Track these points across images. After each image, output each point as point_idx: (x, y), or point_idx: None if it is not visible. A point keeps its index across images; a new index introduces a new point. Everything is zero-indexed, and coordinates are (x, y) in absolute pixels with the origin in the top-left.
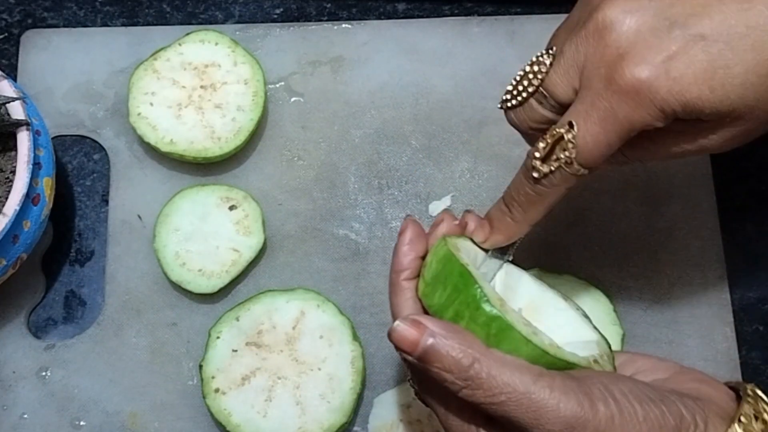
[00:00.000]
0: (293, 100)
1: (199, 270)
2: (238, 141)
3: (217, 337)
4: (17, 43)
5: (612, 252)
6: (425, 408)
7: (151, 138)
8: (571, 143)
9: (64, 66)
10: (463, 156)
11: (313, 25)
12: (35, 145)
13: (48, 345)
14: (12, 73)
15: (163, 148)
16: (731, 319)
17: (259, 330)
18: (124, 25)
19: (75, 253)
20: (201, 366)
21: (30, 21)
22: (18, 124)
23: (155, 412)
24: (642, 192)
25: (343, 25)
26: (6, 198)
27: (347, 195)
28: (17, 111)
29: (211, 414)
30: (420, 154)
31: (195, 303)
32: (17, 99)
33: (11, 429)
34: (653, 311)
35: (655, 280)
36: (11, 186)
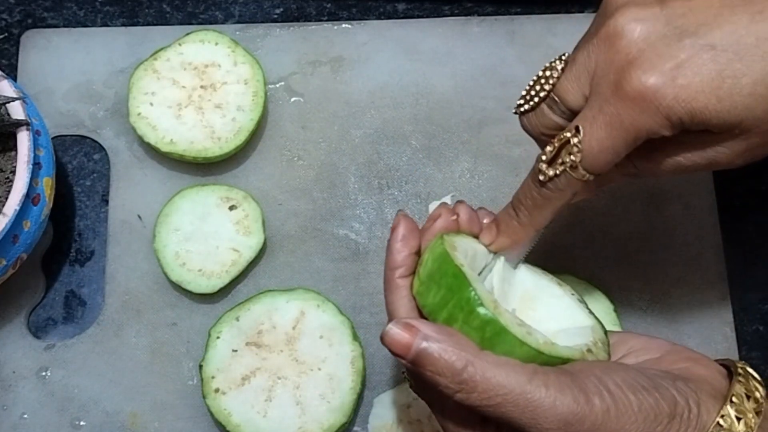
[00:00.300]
0: (293, 100)
1: (199, 270)
2: (238, 141)
3: (217, 337)
4: (17, 43)
5: (612, 252)
6: (425, 408)
7: (151, 138)
8: (577, 147)
9: (64, 66)
10: (463, 156)
11: (313, 25)
12: (35, 145)
13: (48, 345)
14: (12, 73)
15: (163, 148)
16: (731, 319)
17: (259, 330)
18: (124, 25)
19: (75, 253)
20: (201, 366)
21: (30, 21)
22: (18, 124)
23: (155, 412)
24: (642, 192)
25: (343, 25)
26: (6, 198)
27: (347, 195)
28: (17, 111)
29: (211, 414)
30: (420, 154)
31: (195, 303)
32: (17, 99)
33: (11, 429)
34: (653, 311)
35: (655, 280)
36: (11, 186)
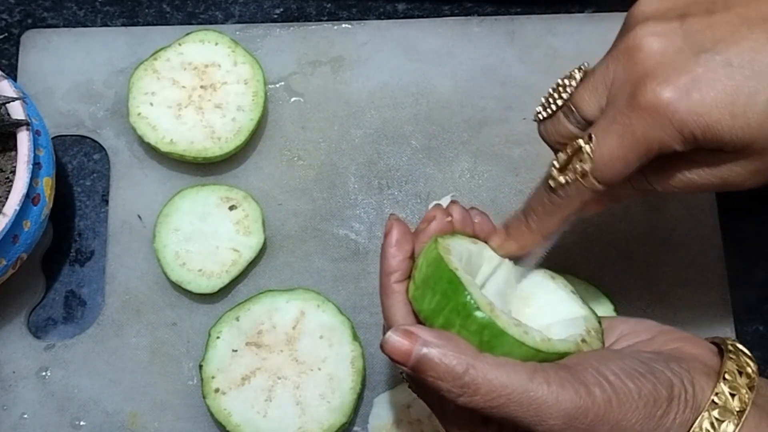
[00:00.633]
0: (293, 100)
1: (199, 270)
2: (238, 141)
3: (217, 337)
4: (17, 43)
5: (612, 252)
6: (425, 408)
7: (151, 138)
8: (588, 156)
9: (64, 66)
10: (463, 156)
11: (313, 25)
12: (35, 145)
13: (48, 345)
14: (12, 73)
15: (163, 148)
16: (731, 319)
17: (259, 330)
18: (124, 25)
19: (75, 253)
20: (201, 366)
21: (30, 21)
22: (18, 124)
23: (155, 412)
24: None
25: (343, 25)
26: (6, 198)
27: (347, 195)
28: (17, 111)
29: (211, 414)
30: (420, 154)
31: (195, 303)
32: (17, 99)
33: (11, 429)
34: (653, 311)
35: (655, 280)
36: (11, 186)
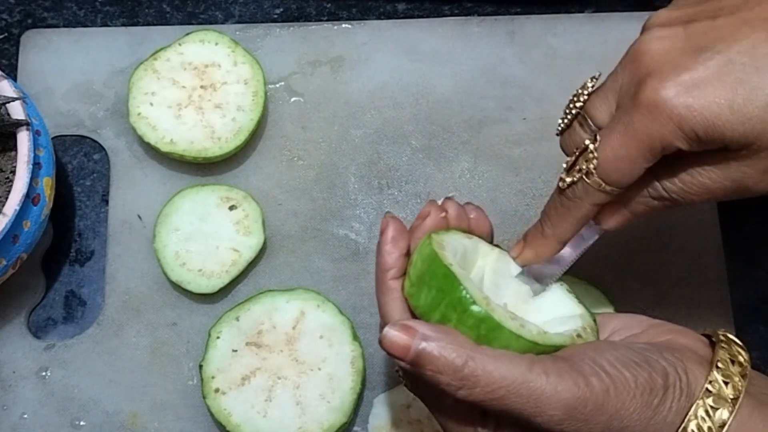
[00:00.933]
0: (293, 100)
1: (199, 270)
2: (238, 141)
3: (217, 337)
4: (17, 43)
5: (612, 252)
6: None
7: (151, 138)
8: (593, 154)
9: (64, 66)
10: (463, 156)
11: (313, 25)
12: (35, 145)
13: (48, 345)
14: (12, 73)
15: (163, 148)
16: (731, 319)
17: (259, 330)
18: (124, 25)
19: (75, 253)
20: (201, 366)
21: (30, 21)
22: (18, 124)
23: (155, 412)
24: None
25: (343, 25)
26: (6, 198)
27: (347, 195)
28: (17, 111)
29: (211, 414)
30: (420, 154)
31: (195, 303)
32: (17, 99)
33: (11, 429)
34: (653, 311)
35: (655, 280)
36: (11, 186)
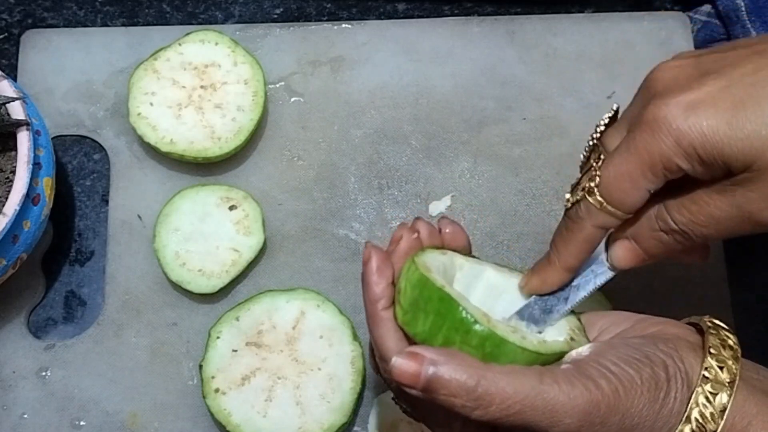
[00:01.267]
0: (293, 100)
1: (199, 270)
2: (238, 141)
3: (217, 337)
4: (17, 43)
5: None
6: None
7: (151, 138)
8: (596, 172)
9: (64, 66)
10: (463, 156)
11: (313, 25)
12: (35, 145)
13: (48, 345)
14: (12, 73)
15: (163, 148)
16: (731, 319)
17: (259, 330)
18: (124, 25)
19: (75, 253)
20: (201, 366)
21: (30, 21)
22: (18, 124)
23: (155, 412)
24: None
25: (343, 25)
26: (6, 198)
27: (347, 195)
28: (17, 111)
29: (211, 414)
30: (420, 154)
31: (195, 303)
32: (17, 99)
33: (11, 429)
34: (653, 312)
35: (655, 280)
36: (11, 186)
